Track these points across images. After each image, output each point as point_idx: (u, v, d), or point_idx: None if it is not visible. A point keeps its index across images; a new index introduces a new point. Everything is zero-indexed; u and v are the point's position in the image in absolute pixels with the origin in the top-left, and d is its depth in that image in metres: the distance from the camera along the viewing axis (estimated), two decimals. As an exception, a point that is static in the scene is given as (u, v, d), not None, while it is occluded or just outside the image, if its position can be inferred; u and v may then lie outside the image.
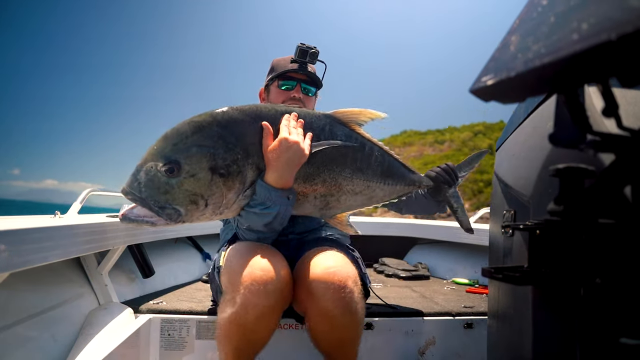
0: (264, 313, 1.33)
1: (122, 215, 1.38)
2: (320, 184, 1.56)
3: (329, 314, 1.38)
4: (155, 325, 1.79)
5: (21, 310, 1.47)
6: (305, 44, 1.87)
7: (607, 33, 0.36)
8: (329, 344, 1.47)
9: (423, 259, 3.36)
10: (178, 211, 1.39)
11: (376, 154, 1.65)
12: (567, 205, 0.53)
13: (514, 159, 1.03)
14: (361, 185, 1.63)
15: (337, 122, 1.61)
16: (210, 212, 1.45)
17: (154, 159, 1.38)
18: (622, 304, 0.49)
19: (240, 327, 1.34)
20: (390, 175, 1.69)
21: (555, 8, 0.47)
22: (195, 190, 1.38)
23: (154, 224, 1.39)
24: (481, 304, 2.14)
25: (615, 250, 0.49)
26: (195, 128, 1.40)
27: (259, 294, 1.32)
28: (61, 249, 1.49)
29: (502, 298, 1.05)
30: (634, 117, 0.54)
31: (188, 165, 1.37)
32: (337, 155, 1.56)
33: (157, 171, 1.37)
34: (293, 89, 1.91)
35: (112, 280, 2.00)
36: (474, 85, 0.52)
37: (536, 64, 0.43)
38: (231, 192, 1.43)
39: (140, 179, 1.38)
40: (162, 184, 1.37)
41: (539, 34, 0.46)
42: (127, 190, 1.38)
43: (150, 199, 1.37)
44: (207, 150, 1.39)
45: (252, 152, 1.46)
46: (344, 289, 1.39)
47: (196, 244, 3.08)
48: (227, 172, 1.41)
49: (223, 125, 1.43)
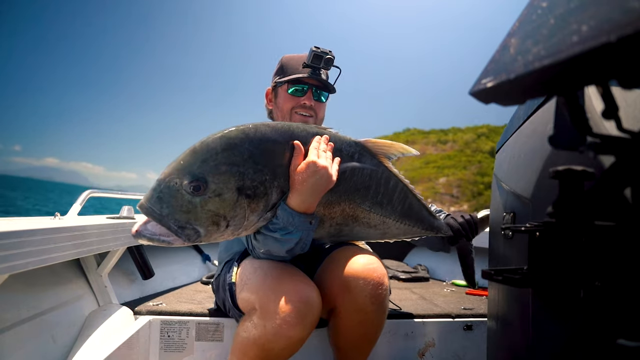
0: (295, 343, 1.32)
1: (136, 231, 1.27)
2: (339, 213, 1.50)
3: (365, 309, 1.39)
4: (154, 326, 1.79)
5: (20, 311, 1.47)
6: (320, 49, 1.75)
7: (607, 35, 0.36)
8: (351, 340, 1.47)
9: (423, 261, 3.36)
10: (198, 232, 1.29)
11: (399, 191, 1.58)
12: (566, 207, 0.53)
13: (514, 161, 1.03)
14: (377, 220, 1.56)
15: (366, 151, 1.53)
16: (229, 234, 1.36)
17: (179, 174, 1.27)
18: (621, 306, 0.49)
19: (264, 352, 1.32)
20: (409, 216, 1.62)
21: (554, 10, 0.47)
22: (219, 210, 1.29)
23: (171, 243, 1.28)
24: (481, 306, 2.14)
25: (615, 252, 0.49)
26: (226, 145, 1.31)
27: (296, 327, 1.29)
28: (61, 250, 1.49)
29: (502, 300, 1.05)
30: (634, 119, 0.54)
31: (215, 184, 1.28)
32: (360, 186, 1.50)
33: (181, 188, 1.27)
34: (304, 95, 1.81)
35: (112, 282, 2.00)
36: (474, 88, 0.52)
37: (536, 66, 0.43)
38: (254, 214, 1.35)
39: (162, 195, 1.27)
40: (185, 202, 1.27)
41: (539, 36, 0.46)
42: (146, 206, 1.27)
43: (170, 217, 1.26)
44: (236, 169, 1.30)
45: (279, 174, 1.37)
46: (382, 286, 1.40)
47: (196, 246, 3.08)
48: (253, 194, 1.32)
49: (255, 144, 1.34)
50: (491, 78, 0.50)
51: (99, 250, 1.78)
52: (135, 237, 1.27)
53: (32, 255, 1.34)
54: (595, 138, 0.50)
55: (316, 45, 1.76)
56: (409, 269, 3.15)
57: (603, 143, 0.50)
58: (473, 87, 0.53)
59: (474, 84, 0.53)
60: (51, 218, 1.83)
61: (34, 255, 1.35)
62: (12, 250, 1.24)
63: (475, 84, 0.52)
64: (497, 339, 1.13)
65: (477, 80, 0.52)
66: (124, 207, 2.29)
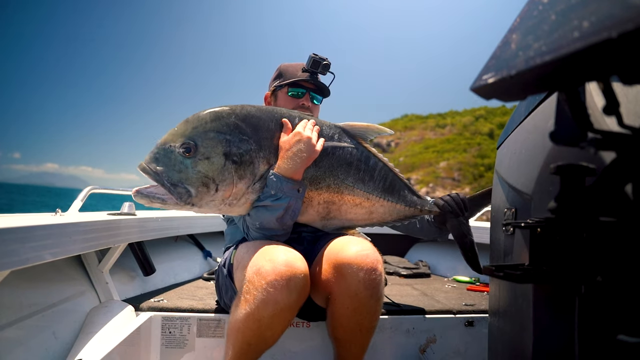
0: (283, 309, 1.35)
1: (136, 191, 1.47)
2: (325, 189, 1.64)
3: (358, 295, 1.42)
4: (156, 323, 1.79)
5: (22, 307, 1.47)
6: (318, 55, 1.92)
7: (608, 31, 0.36)
8: (347, 329, 1.49)
9: (424, 257, 3.36)
10: (189, 192, 1.47)
11: (379, 169, 1.71)
12: (567, 203, 0.53)
13: (515, 157, 1.02)
14: (362, 196, 1.68)
15: (345, 133, 1.71)
16: (220, 200, 1.52)
17: (174, 139, 1.49)
18: (622, 302, 0.49)
19: (256, 323, 1.35)
20: (392, 192, 1.74)
21: (556, 6, 0.47)
22: (208, 173, 1.48)
23: (165, 201, 1.47)
24: (482, 302, 2.14)
25: (616, 248, 0.49)
26: (215, 116, 1.52)
27: (282, 290, 1.33)
28: (62, 246, 1.49)
29: (503, 296, 1.05)
30: (635, 115, 0.54)
31: (204, 147, 1.48)
32: (343, 163, 1.64)
33: (174, 150, 1.47)
34: (302, 97, 1.96)
35: (113, 278, 2.00)
36: (475, 84, 0.52)
37: (537, 62, 0.43)
38: (242, 181, 1.52)
39: (158, 156, 1.48)
40: (178, 162, 1.47)
41: (540, 32, 0.46)
42: (144, 165, 1.48)
43: (164, 174, 1.46)
44: (223, 136, 1.50)
45: (265, 146, 1.56)
46: (375, 272, 1.44)
47: (197, 242, 3.08)
48: (239, 160, 1.50)
49: (241, 118, 1.54)
50: (492, 74, 0.49)
51: (100, 247, 1.79)
52: (135, 196, 1.47)
53: (34, 251, 1.34)
54: (596, 134, 0.50)
55: (314, 53, 1.93)
56: (410, 265, 3.15)
57: (604, 139, 0.50)
58: (474, 83, 0.52)
59: (475, 79, 0.53)
60: (52, 214, 1.84)
61: (36, 252, 1.35)
62: (14, 246, 1.25)
63: (476, 80, 0.52)
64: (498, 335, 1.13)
65: (478, 76, 0.52)
66: (125, 203, 2.29)
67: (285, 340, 1.81)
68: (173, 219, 2.58)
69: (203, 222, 3.04)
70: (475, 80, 0.52)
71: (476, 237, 2.90)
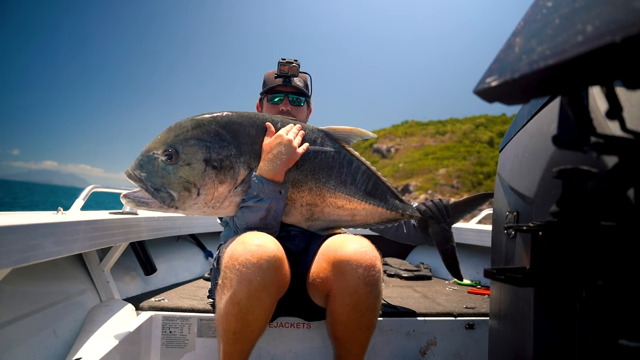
0: (258, 289, 1.35)
1: (124, 195, 1.57)
2: (307, 192, 1.69)
3: (357, 292, 1.43)
4: (156, 322, 1.79)
5: (23, 306, 1.48)
6: (286, 59, 1.98)
7: (612, 35, 0.36)
8: (347, 326, 1.50)
9: (425, 259, 3.36)
10: (172, 196, 1.55)
11: (362, 172, 1.75)
12: (569, 207, 0.53)
13: (517, 160, 1.02)
14: (343, 199, 1.71)
15: (328, 136, 1.75)
16: (202, 203, 1.59)
17: (156, 146, 1.57)
18: (623, 307, 0.49)
19: (236, 307, 1.36)
20: (373, 196, 1.77)
21: (559, 10, 0.47)
22: (189, 178, 1.55)
23: (149, 205, 1.56)
24: (483, 305, 2.14)
25: (618, 252, 0.49)
26: (195, 124, 1.59)
27: (254, 269, 1.35)
28: (63, 245, 1.50)
29: (504, 299, 1.05)
30: (638, 119, 0.54)
31: (185, 154, 1.55)
32: (324, 166, 1.69)
33: (157, 157, 1.56)
34: (281, 102, 2.01)
35: (114, 277, 2.00)
36: (478, 87, 0.52)
37: (540, 65, 0.43)
38: (222, 185, 1.59)
39: (142, 162, 1.57)
40: (160, 168, 1.55)
41: (544, 36, 0.46)
42: (130, 172, 1.57)
43: (147, 180, 1.55)
44: (203, 143, 1.57)
45: (245, 152, 1.63)
46: (374, 268, 1.45)
47: (198, 242, 3.09)
48: (219, 166, 1.57)
49: (221, 125, 1.61)
50: (495, 77, 0.49)
51: (102, 245, 1.79)
52: (123, 199, 1.57)
53: (35, 249, 1.34)
54: (598, 138, 0.50)
55: (282, 57, 2.00)
56: (412, 267, 3.15)
57: (607, 143, 0.50)
58: (477, 86, 0.52)
59: (478, 82, 0.53)
60: (54, 213, 1.84)
61: (37, 250, 1.35)
62: (15, 244, 1.25)
63: (479, 83, 0.52)
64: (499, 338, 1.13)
65: (481, 79, 0.52)
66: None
67: (286, 341, 1.82)
68: (174, 218, 2.58)
69: (205, 222, 3.05)
70: (479, 83, 0.52)
71: (478, 240, 2.89)
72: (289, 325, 1.81)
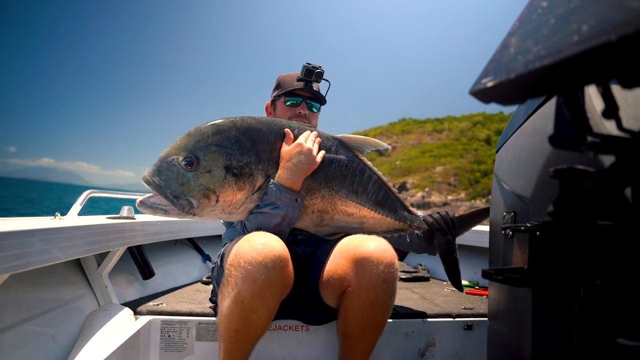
0: (262, 287, 1.35)
1: (141, 202, 1.51)
2: (319, 199, 1.69)
3: (376, 289, 1.46)
4: (155, 326, 1.79)
5: (21, 311, 1.47)
6: (311, 64, 1.96)
7: (607, 34, 0.36)
8: (360, 324, 1.51)
9: (423, 261, 3.36)
10: (191, 203, 1.52)
11: (373, 182, 1.77)
12: (567, 207, 0.53)
13: (514, 160, 1.03)
14: (353, 207, 1.73)
15: (343, 145, 1.76)
16: (220, 210, 1.57)
17: (176, 152, 1.53)
18: (621, 306, 0.49)
19: (239, 305, 1.36)
20: (383, 206, 1.79)
21: (555, 10, 0.47)
22: (209, 185, 1.52)
23: (168, 212, 1.52)
24: (481, 306, 2.14)
25: (615, 251, 0.49)
26: (216, 130, 1.56)
27: (259, 267, 1.35)
28: (61, 250, 1.49)
29: (502, 299, 1.05)
30: (634, 118, 0.54)
31: (206, 161, 1.52)
32: (337, 175, 1.69)
33: (177, 163, 1.52)
34: (299, 105, 2.01)
35: (112, 282, 2.00)
36: (474, 87, 0.52)
37: (536, 65, 0.43)
38: (241, 192, 1.56)
39: (161, 168, 1.52)
40: (180, 175, 1.51)
41: (539, 36, 0.46)
42: (147, 178, 1.52)
43: (167, 187, 1.51)
44: (224, 150, 1.54)
45: (264, 159, 1.61)
46: (392, 266, 1.48)
47: (196, 246, 3.08)
48: (239, 173, 1.55)
49: (241, 131, 1.58)
50: (491, 78, 0.50)
51: (99, 250, 1.79)
52: (139, 206, 1.52)
53: (33, 255, 1.34)
54: (595, 137, 0.50)
55: (308, 62, 1.98)
56: (410, 268, 3.15)
57: (603, 142, 0.50)
58: (473, 87, 0.53)
59: (474, 83, 0.53)
60: (51, 218, 1.83)
61: (35, 255, 1.35)
62: (13, 250, 1.25)
63: (475, 84, 0.52)
64: (497, 339, 1.13)
65: (477, 80, 0.52)
66: (124, 207, 2.29)
67: (285, 344, 1.81)
68: (172, 222, 2.57)
69: (202, 226, 3.04)
70: (475, 84, 0.52)
71: (475, 241, 2.89)
72: (287, 328, 1.81)
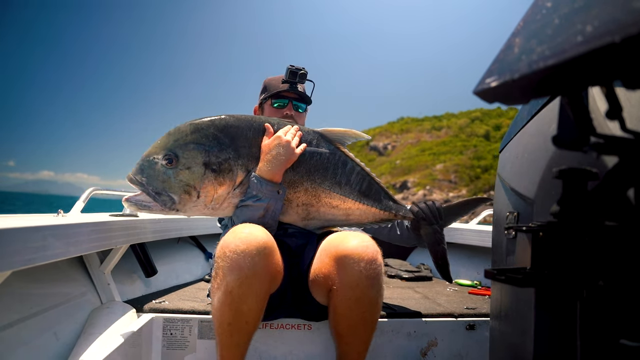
0: (249, 276, 1.36)
1: (126, 199, 1.60)
2: (303, 192, 1.74)
3: (359, 286, 1.46)
4: (157, 324, 1.79)
5: (23, 308, 1.48)
6: (295, 66, 2.01)
7: (611, 35, 0.36)
8: (350, 321, 1.51)
9: (426, 260, 3.36)
10: (172, 199, 1.60)
11: (356, 173, 1.80)
12: (570, 207, 0.53)
13: (518, 160, 1.02)
14: (338, 199, 1.76)
15: (324, 138, 1.80)
16: (202, 205, 1.64)
17: (156, 151, 1.61)
18: (624, 306, 0.49)
19: (229, 296, 1.37)
20: (367, 196, 1.82)
21: (559, 10, 0.47)
22: (189, 181, 1.60)
23: (151, 208, 1.60)
24: (484, 306, 2.14)
25: (618, 252, 0.49)
26: (194, 128, 1.64)
27: (244, 255, 1.37)
28: (64, 247, 1.50)
29: (505, 300, 1.05)
30: (638, 119, 0.54)
31: (185, 158, 1.60)
32: (319, 167, 1.73)
33: (158, 161, 1.60)
34: (285, 107, 2.06)
35: (115, 280, 2.00)
36: (478, 87, 0.52)
37: (540, 66, 0.43)
38: (222, 187, 1.63)
39: (143, 167, 1.61)
40: (161, 173, 1.60)
41: (543, 36, 0.46)
42: (131, 176, 1.61)
43: (149, 185, 1.59)
44: (202, 147, 1.61)
45: (243, 154, 1.67)
46: (375, 262, 1.48)
47: (199, 244, 3.09)
48: (218, 169, 1.62)
49: (219, 128, 1.65)
50: (495, 78, 0.49)
51: (102, 248, 1.79)
52: (124, 203, 1.61)
53: (35, 252, 1.34)
54: (598, 138, 0.50)
55: (291, 64, 2.02)
56: (412, 268, 3.15)
57: (606, 143, 0.50)
58: (477, 87, 0.53)
59: (478, 83, 0.53)
60: (54, 215, 1.84)
61: (37, 252, 1.35)
62: (16, 246, 1.25)
63: (479, 84, 0.52)
64: (499, 339, 1.13)
65: (481, 80, 0.52)
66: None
67: (287, 343, 1.81)
68: (175, 220, 2.58)
69: (205, 223, 3.05)
70: (478, 84, 0.52)
71: (478, 240, 2.89)
72: (289, 326, 1.81)
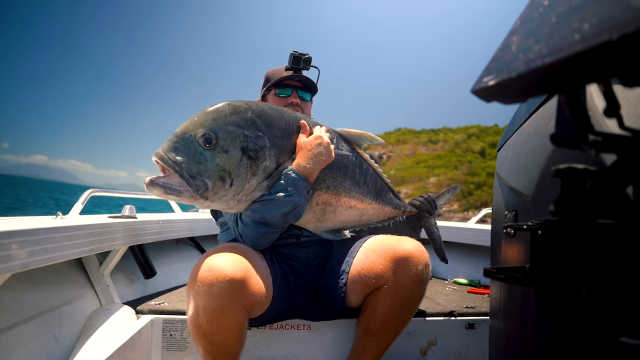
0: (214, 316, 1.32)
1: (150, 180, 1.38)
2: (324, 190, 1.67)
3: (411, 287, 1.52)
4: (156, 326, 1.79)
5: (23, 310, 1.47)
6: (298, 51, 1.94)
7: (609, 33, 0.36)
8: (386, 320, 1.55)
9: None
10: (206, 184, 1.41)
11: (371, 174, 1.82)
12: (568, 205, 0.53)
13: (516, 159, 1.03)
14: (356, 198, 1.76)
15: (342, 138, 1.80)
16: (232, 195, 1.48)
17: (194, 129, 1.43)
18: (624, 304, 0.49)
19: (199, 330, 1.35)
20: (381, 196, 1.85)
21: (556, 8, 0.47)
22: (226, 166, 1.43)
23: (181, 193, 1.39)
24: (483, 304, 2.14)
25: (617, 250, 0.49)
26: (233, 110, 1.49)
27: (205, 295, 1.32)
28: (63, 250, 1.49)
29: (504, 298, 1.05)
30: (636, 117, 0.54)
31: (224, 140, 1.44)
32: (341, 166, 1.70)
33: (195, 140, 1.42)
34: (290, 95, 1.97)
35: (114, 281, 2.00)
36: (476, 86, 0.52)
37: (537, 64, 0.43)
38: (254, 177, 1.50)
39: (178, 145, 1.41)
40: (197, 153, 1.41)
41: (541, 34, 0.46)
42: (162, 154, 1.40)
43: (184, 165, 1.39)
44: (241, 131, 1.48)
45: (276, 145, 1.56)
46: (429, 267, 1.55)
47: (198, 245, 3.08)
48: (255, 156, 1.49)
49: (257, 114, 1.53)
50: (493, 76, 0.49)
51: (101, 250, 1.79)
52: (148, 186, 1.38)
53: (34, 254, 1.34)
54: (596, 136, 0.50)
55: (294, 50, 1.95)
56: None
57: (605, 141, 0.50)
58: (475, 86, 0.52)
59: (476, 82, 0.53)
60: (53, 217, 1.84)
61: (36, 255, 1.35)
62: (14, 249, 1.25)
63: (476, 82, 0.52)
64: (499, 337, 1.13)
65: (478, 79, 0.52)
66: (126, 206, 2.29)
67: (287, 343, 1.81)
68: (174, 221, 2.58)
69: (204, 225, 3.04)
70: (476, 83, 0.52)
71: (477, 239, 2.89)
72: (289, 327, 1.81)
